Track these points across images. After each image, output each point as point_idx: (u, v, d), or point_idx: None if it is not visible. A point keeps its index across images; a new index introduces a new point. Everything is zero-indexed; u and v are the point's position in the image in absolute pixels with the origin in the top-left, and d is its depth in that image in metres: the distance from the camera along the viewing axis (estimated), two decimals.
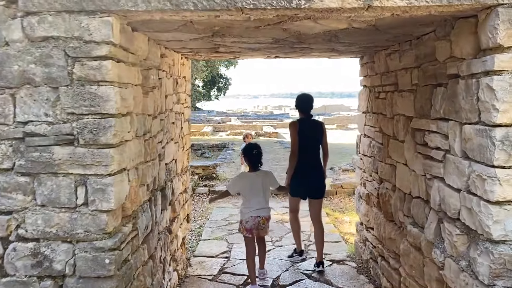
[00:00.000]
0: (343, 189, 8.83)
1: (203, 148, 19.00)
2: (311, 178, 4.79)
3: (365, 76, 4.81)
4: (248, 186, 4.29)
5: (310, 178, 4.78)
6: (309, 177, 4.78)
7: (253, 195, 4.28)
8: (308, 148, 4.76)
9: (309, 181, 4.79)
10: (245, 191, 4.32)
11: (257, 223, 4.26)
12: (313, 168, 4.81)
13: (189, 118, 5.12)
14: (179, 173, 4.50)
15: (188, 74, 4.98)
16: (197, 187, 9.08)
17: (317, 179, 4.85)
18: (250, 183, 4.30)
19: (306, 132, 4.77)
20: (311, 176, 4.78)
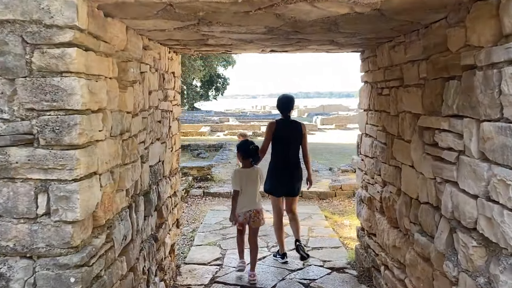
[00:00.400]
0: (342, 191, 8.52)
1: (200, 148, 18.68)
2: (288, 178, 4.92)
3: (366, 72, 4.50)
4: (244, 182, 4.49)
5: (287, 178, 4.92)
6: (286, 177, 4.91)
7: (247, 190, 4.49)
8: (284, 148, 4.88)
9: (285, 180, 4.92)
10: (241, 187, 4.50)
11: (248, 216, 4.51)
12: (290, 167, 4.93)
13: (179, 116, 4.80)
14: (167, 176, 4.19)
15: (177, 69, 4.66)
16: (191, 189, 8.77)
17: (294, 178, 4.97)
18: (246, 178, 4.50)
19: (283, 132, 4.88)
20: (287, 175, 4.91)
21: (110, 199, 2.49)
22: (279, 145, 4.92)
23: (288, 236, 6.02)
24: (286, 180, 4.93)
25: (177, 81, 4.64)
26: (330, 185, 8.67)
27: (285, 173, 4.92)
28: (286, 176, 4.92)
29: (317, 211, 7.47)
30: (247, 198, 4.50)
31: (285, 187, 4.96)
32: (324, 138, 28.54)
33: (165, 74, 4.00)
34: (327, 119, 43.28)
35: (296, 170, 5.01)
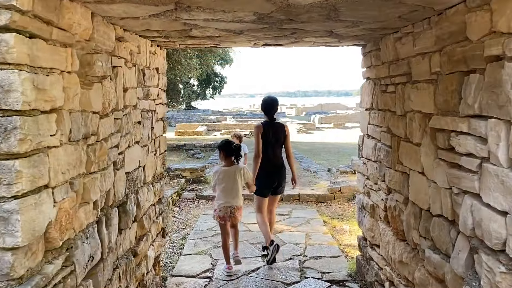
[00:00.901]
0: (341, 193, 8.14)
1: (195, 149, 18.28)
2: (274, 178, 5.11)
3: (368, 67, 4.12)
4: (225, 180, 4.67)
5: (273, 178, 5.10)
6: (273, 177, 5.10)
7: (228, 187, 4.67)
8: (270, 149, 5.06)
9: (272, 180, 5.10)
10: (221, 184, 4.68)
11: (229, 211, 4.67)
12: (276, 168, 5.12)
13: (164, 116, 4.41)
14: (149, 182, 3.80)
15: (162, 65, 4.27)
16: (184, 192, 8.37)
17: (279, 178, 5.16)
18: (227, 177, 4.68)
19: (269, 134, 5.04)
20: (274, 176, 5.10)
21: (70, 215, 2.11)
22: (265, 147, 5.05)
23: (285, 244, 5.65)
24: (272, 181, 5.11)
25: (161, 78, 4.25)
26: (328, 187, 8.29)
27: (272, 174, 5.09)
28: (273, 177, 5.10)
29: (315, 216, 7.10)
30: (228, 194, 4.67)
31: (271, 187, 5.15)
32: (322, 137, 28.13)
33: (146, 70, 3.61)
34: (326, 118, 42.90)
35: (282, 169, 5.21)
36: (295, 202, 8.10)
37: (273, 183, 5.12)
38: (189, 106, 64.13)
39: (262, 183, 5.05)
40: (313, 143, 22.67)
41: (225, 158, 4.78)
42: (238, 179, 4.70)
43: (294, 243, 5.64)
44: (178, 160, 15.75)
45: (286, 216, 7.10)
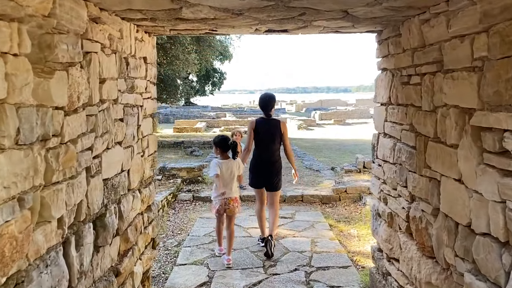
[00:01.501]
0: (347, 194, 7.65)
1: (194, 146, 17.78)
2: (267, 173, 5.19)
3: (385, 57, 3.63)
4: (222, 172, 4.75)
5: (266, 173, 5.19)
6: (265, 172, 5.19)
7: (224, 180, 4.77)
8: (263, 145, 5.18)
9: (265, 175, 5.20)
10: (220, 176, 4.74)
11: (223, 203, 4.80)
12: (269, 163, 5.19)
13: (154, 113, 3.92)
14: (135, 188, 3.32)
15: (151, 55, 3.78)
16: (180, 193, 7.89)
17: (273, 174, 5.21)
18: (226, 169, 4.78)
19: (263, 130, 5.14)
20: (267, 171, 5.19)
21: (20, 241, 1.62)
22: (258, 142, 5.20)
23: (289, 252, 5.18)
24: (265, 173, 5.20)
25: (150, 69, 3.76)
26: (333, 187, 7.81)
27: (264, 168, 5.20)
28: (264, 170, 5.20)
29: (320, 219, 6.62)
30: (224, 187, 4.77)
31: (264, 179, 5.23)
32: (323, 134, 27.63)
33: (130, 59, 3.12)
34: (326, 114, 42.39)
35: (274, 165, 5.24)
36: (298, 204, 7.63)
37: (263, 176, 5.22)
38: (188, 102, 63.57)
39: (253, 176, 5.30)
40: (313, 140, 22.17)
41: (221, 153, 4.89)
42: (235, 172, 4.86)
43: (298, 251, 5.17)
44: (176, 158, 15.27)
45: (289, 219, 6.62)
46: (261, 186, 5.29)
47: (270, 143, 5.17)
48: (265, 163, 5.19)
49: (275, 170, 5.24)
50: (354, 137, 25.74)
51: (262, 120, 5.22)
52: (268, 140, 5.17)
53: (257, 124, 5.17)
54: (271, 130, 5.16)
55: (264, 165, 5.19)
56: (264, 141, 5.17)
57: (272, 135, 5.16)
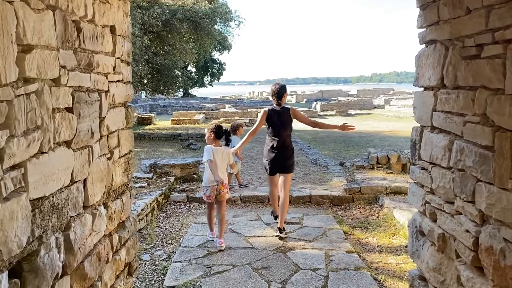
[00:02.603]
0: (361, 194, 6.77)
1: (191, 138, 16.87)
2: (281, 158, 5.44)
3: (433, 24, 2.71)
4: (215, 158, 4.91)
5: (280, 158, 5.44)
6: (279, 158, 5.44)
7: (217, 167, 4.91)
8: (276, 131, 5.45)
9: (279, 160, 5.45)
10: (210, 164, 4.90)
11: (214, 190, 4.96)
12: (282, 149, 5.44)
13: (128, 101, 3.02)
14: (96, 204, 2.43)
15: (121, 25, 2.86)
16: (173, 193, 7.00)
17: (286, 158, 5.46)
18: (217, 156, 4.95)
19: (275, 118, 5.43)
20: (280, 156, 5.44)
21: None
22: (271, 130, 5.48)
23: (300, 270, 4.31)
24: (278, 159, 5.45)
25: (121, 44, 2.84)
26: (345, 187, 6.92)
27: (278, 154, 5.44)
28: (278, 155, 5.44)
29: (333, 224, 5.74)
30: (215, 173, 4.87)
31: (278, 165, 5.49)
32: None
33: (83, 24, 2.21)
34: (327, 105, 41.45)
35: (287, 150, 5.49)
36: (306, 205, 6.75)
37: (274, 161, 5.46)
38: (187, 94, 62.57)
39: (266, 162, 5.56)
40: (316, 132, 21.22)
41: (214, 140, 5.05)
42: (225, 159, 5.09)
43: (311, 269, 4.29)
44: (172, 152, 14.37)
45: (296, 225, 5.74)
46: (275, 172, 5.57)
47: (282, 130, 5.44)
48: (278, 149, 5.44)
49: (288, 154, 5.49)
50: (358, 128, 24.82)
51: (274, 109, 5.50)
52: (280, 128, 5.43)
53: (270, 113, 5.47)
54: (283, 118, 5.44)
55: (278, 150, 5.44)
56: (277, 129, 5.43)
57: (284, 123, 5.44)
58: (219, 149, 5.01)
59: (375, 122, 28.96)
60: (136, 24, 14.88)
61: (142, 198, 6.10)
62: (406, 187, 6.75)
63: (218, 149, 5.01)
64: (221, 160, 5.01)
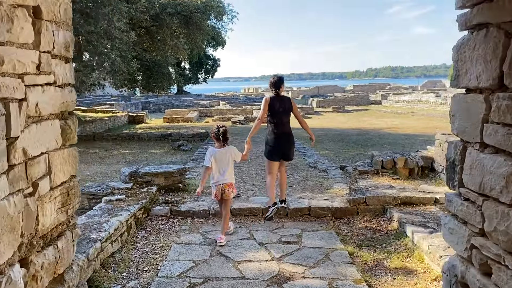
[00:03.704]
0: (367, 206, 6.02)
1: (182, 139, 16.06)
2: (285, 145, 5.80)
3: (484, 1, 1.95)
4: (218, 160, 5.14)
5: (283, 145, 5.79)
6: (283, 144, 5.78)
7: (220, 167, 5.15)
8: (278, 118, 5.76)
9: (283, 147, 5.80)
10: (214, 164, 5.14)
11: (220, 189, 5.17)
12: (285, 135, 5.80)
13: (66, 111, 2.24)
14: (6, 264, 1.65)
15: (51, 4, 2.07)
16: (154, 206, 6.21)
17: (289, 145, 5.85)
18: (219, 156, 5.16)
19: (277, 105, 5.76)
20: (284, 143, 5.79)
21: None
22: (273, 117, 5.77)
23: None
24: (280, 146, 5.77)
25: (51, 32, 2.06)
26: (348, 198, 6.15)
27: (281, 140, 5.76)
28: (280, 142, 5.76)
29: (336, 244, 4.99)
30: (219, 174, 5.13)
31: (282, 151, 5.81)
32: (321, 122, 26.02)
33: None
34: (324, 101, 40.72)
35: (290, 137, 5.85)
36: (305, 218, 5.99)
37: (280, 147, 5.78)
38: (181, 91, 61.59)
39: (271, 148, 5.81)
40: (312, 130, 20.28)
41: (216, 142, 5.26)
42: (230, 160, 5.21)
43: None
44: (161, 153, 13.57)
45: (294, 245, 4.98)
46: (278, 159, 5.85)
47: (283, 116, 5.79)
48: (282, 135, 5.76)
49: (291, 141, 5.86)
50: (356, 125, 24.15)
51: (275, 97, 5.83)
52: (282, 113, 5.77)
53: (271, 101, 5.79)
54: (284, 105, 5.80)
55: (281, 137, 5.76)
56: (279, 114, 5.76)
57: (284, 109, 5.79)
58: (222, 150, 5.21)
59: (372, 119, 28.26)
60: (122, 19, 14.03)
61: (117, 215, 5.31)
62: (416, 197, 6.01)
63: (221, 150, 5.21)
64: (226, 161, 5.19)
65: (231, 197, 5.33)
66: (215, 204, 6.23)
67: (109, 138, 16.61)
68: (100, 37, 13.35)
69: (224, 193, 5.18)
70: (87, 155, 13.16)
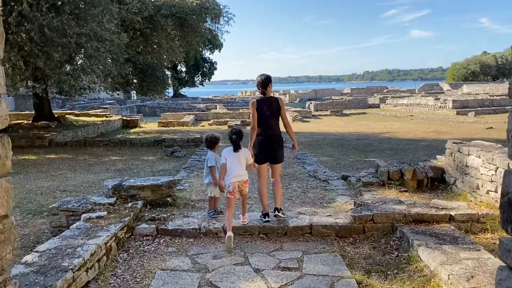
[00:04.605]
0: (374, 224, 5.43)
1: (176, 144, 15.45)
2: (272, 148, 5.65)
3: None
4: (232, 160, 5.33)
5: (271, 148, 5.64)
6: (270, 147, 5.64)
7: (233, 167, 5.32)
8: (265, 121, 5.60)
9: (270, 150, 5.64)
10: (231, 163, 5.33)
11: (236, 186, 5.32)
12: (273, 138, 5.66)
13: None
14: None
15: None
16: (139, 224, 5.61)
17: (277, 147, 5.68)
18: (232, 159, 5.35)
19: (264, 108, 5.58)
20: (271, 146, 5.64)
21: None
22: (260, 120, 5.58)
23: None
24: (269, 148, 5.63)
25: None
26: (354, 214, 5.56)
27: (268, 143, 5.62)
28: (267, 145, 5.62)
29: (342, 270, 4.41)
30: (233, 172, 5.31)
31: (269, 154, 5.65)
32: (320, 126, 25.48)
33: None
34: (321, 105, 40.19)
35: (278, 140, 5.69)
36: (306, 238, 5.40)
37: (268, 150, 5.61)
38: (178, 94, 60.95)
39: (258, 151, 5.60)
40: (311, 134, 19.99)
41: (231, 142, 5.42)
42: (242, 159, 5.36)
43: None
44: (153, 160, 12.95)
45: (294, 272, 4.39)
46: (265, 161, 5.68)
47: (271, 119, 5.60)
48: (269, 138, 5.60)
49: (279, 144, 5.68)
50: (355, 130, 23.62)
51: (261, 99, 5.64)
52: (269, 117, 5.58)
53: (258, 103, 5.58)
54: (271, 107, 5.60)
55: (269, 140, 5.60)
56: (266, 117, 5.57)
57: (272, 111, 5.60)
58: (234, 154, 5.38)
59: (371, 123, 27.78)
60: (112, 20, 13.45)
61: (96, 236, 4.72)
62: (429, 214, 5.44)
63: (233, 153, 5.38)
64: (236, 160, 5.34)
65: (247, 190, 5.56)
66: (206, 221, 5.66)
67: (100, 144, 16.00)
68: (90, 39, 12.78)
69: (241, 189, 5.39)
70: (75, 162, 12.56)
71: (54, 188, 8.92)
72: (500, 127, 22.46)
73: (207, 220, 5.68)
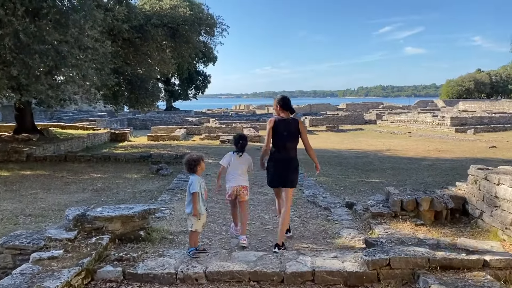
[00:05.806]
0: (391, 270, 4.40)
1: (163, 161, 14.37)
2: (286, 171, 5.35)
3: None
4: (232, 163, 5.45)
5: (285, 171, 5.34)
6: (284, 170, 5.34)
7: (234, 171, 5.44)
8: (281, 142, 5.32)
9: (284, 173, 5.35)
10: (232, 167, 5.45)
11: (235, 190, 5.43)
12: (284, 160, 5.34)
13: None
14: None
15: None
16: (103, 266, 4.55)
17: (291, 172, 5.37)
18: (234, 162, 5.45)
19: (282, 129, 5.31)
20: (286, 169, 5.35)
21: None
22: (276, 141, 5.34)
23: None
24: (283, 171, 5.34)
25: None
26: (367, 259, 4.52)
27: (283, 166, 5.34)
28: (280, 167, 5.34)
29: None
30: (233, 176, 5.43)
31: (282, 177, 5.36)
32: (316, 142, 24.47)
33: None
34: (317, 120, 39.39)
35: (293, 162, 5.37)
36: (307, 285, 4.37)
37: (280, 174, 5.35)
38: (170, 107, 59.95)
39: (271, 174, 5.43)
40: None
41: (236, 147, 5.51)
42: (246, 165, 5.47)
43: None
44: (137, 178, 11.85)
45: None
46: (278, 185, 5.44)
47: (288, 141, 5.31)
48: (284, 161, 5.34)
49: (292, 167, 5.38)
50: (353, 146, 22.73)
51: (280, 119, 5.37)
52: (286, 137, 5.30)
53: (276, 124, 5.33)
54: (290, 129, 5.32)
55: (284, 163, 5.34)
56: (283, 140, 5.31)
57: (289, 132, 5.31)
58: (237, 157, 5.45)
59: (369, 139, 26.92)
60: (96, 27, 12.50)
61: (41, 287, 3.67)
62: (459, 259, 4.42)
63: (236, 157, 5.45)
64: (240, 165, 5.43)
65: (246, 198, 5.53)
66: (185, 263, 4.60)
67: (82, 159, 14.90)
68: (71, 47, 11.80)
69: (239, 195, 5.43)
70: (51, 180, 11.45)
71: (18, 211, 7.83)
72: (503, 146, 21.67)
73: (186, 262, 4.62)
